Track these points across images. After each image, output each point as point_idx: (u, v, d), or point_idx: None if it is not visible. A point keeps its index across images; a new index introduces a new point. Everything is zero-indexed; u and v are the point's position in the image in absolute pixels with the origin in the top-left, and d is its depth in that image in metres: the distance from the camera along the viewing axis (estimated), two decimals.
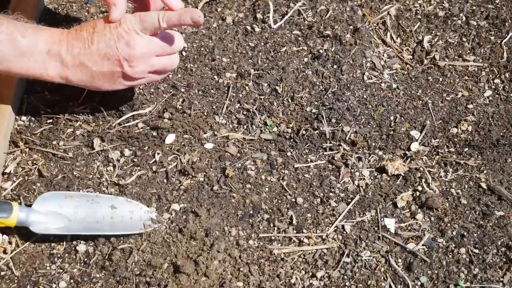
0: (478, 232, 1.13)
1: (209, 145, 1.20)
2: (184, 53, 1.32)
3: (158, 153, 1.17)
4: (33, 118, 1.21)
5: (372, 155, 1.22)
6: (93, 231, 1.06)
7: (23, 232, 1.07)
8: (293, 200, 1.15)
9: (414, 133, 1.25)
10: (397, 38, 1.40)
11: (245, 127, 1.24)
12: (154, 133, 1.20)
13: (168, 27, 1.06)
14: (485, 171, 1.21)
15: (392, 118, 1.26)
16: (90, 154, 1.17)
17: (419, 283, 1.06)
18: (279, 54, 1.33)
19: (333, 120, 1.24)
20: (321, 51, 1.34)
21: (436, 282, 1.07)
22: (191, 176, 1.15)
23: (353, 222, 1.13)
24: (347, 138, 1.22)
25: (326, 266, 1.08)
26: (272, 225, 1.12)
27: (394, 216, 1.14)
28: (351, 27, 1.38)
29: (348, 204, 1.15)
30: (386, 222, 1.13)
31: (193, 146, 1.19)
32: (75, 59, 1.05)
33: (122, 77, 1.08)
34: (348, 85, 1.29)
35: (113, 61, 1.06)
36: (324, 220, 1.13)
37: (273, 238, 1.10)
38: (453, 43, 1.39)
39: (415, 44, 1.39)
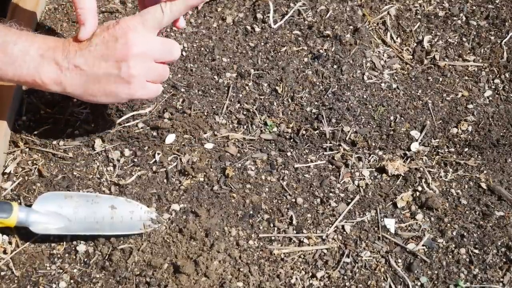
0: (478, 232, 1.13)
1: (209, 145, 1.20)
2: (184, 53, 1.32)
3: (158, 153, 1.17)
4: (33, 118, 1.21)
5: (372, 155, 1.22)
6: (93, 231, 1.06)
7: (23, 232, 1.07)
8: (293, 200, 1.15)
9: (414, 133, 1.25)
10: (397, 38, 1.40)
11: (245, 127, 1.24)
12: (154, 133, 1.20)
13: (173, 14, 1.02)
14: (485, 171, 1.21)
15: (392, 118, 1.26)
16: (90, 154, 1.17)
17: (419, 284, 1.06)
18: (279, 54, 1.33)
19: (333, 120, 1.24)
20: (321, 51, 1.34)
21: (436, 282, 1.07)
22: (191, 176, 1.15)
23: (353, 222, 1.13)
24: (347, 138, 1.22)
25: (326, 266, 1.08)
26: (272, 225, 1.12)
27: (394, 216, 1.14)
28: (351, 27, 1.38)
29: (348, 204, 1.15)
30: (386, 222, 1.13)
31: (193, 146, 1.19)
32: (70, 61, 1.00)
33: (118, 83, 1.02)
34: (348, 85, 1.29)
35: (111, 63, 1.00)
36: (324, 220, 1.13)
37: (273, 238, 1.10)
38: (453, 43, 1.39)
39: (415, 44, 1.39)
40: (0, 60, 0.98)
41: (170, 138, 1.19)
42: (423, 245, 1.10)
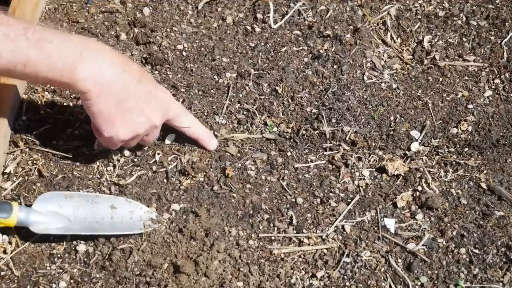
0: (478, 232, 1.13)
1: None
2: (184, 53, 1.32)
3: (158, 153, 1.17)
4: (33, 118, 1.21)
5: (372, 155, 1.22)
6: (93, 231, 1.06)
7: (23, 232, 1.07)
8: (293, 200, 1.15)
9: (414, 133, 1.25)
10: (397, 38, 1.40)
11: (245, 127, 1.24)
12: None
13: (187, 131, 1.16)
14: (485, 171, 1.21)
15: (392, 118, 1.26)
16: (90, 154, 1.17)
17: (419, 283, 1.06)
18: (279, 54, 1.33)
19: (333, 120, 1.24)
20: (321, 51, 1.34)
21: (436, 282, 1.07)
22: (191, 176, 1.15)
23: (353, 222, 1.13)
24: (347, 138, 1.22)
25: (326, 266, 1.07)
26: (272, 225, 1.12)
27: (394, 216, 1.14)
28: (351, 27, 1.38)
29: (348, 204, 1.15)
30: (386, 222, 1.13)
31: (193, 146, 1.19)
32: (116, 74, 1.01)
33: (137, 116, 1.05)
34: (348, 85, 1.29)
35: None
36: (324, 220, 1.13)
37: (273, 238, 1.10)
38: (453, 43, 1.39)
39: (415, 44, 1.39)
40: (35, 56, 0.95)
41: (170, 138, 1.19)
42: (423, 245, 1.10)
